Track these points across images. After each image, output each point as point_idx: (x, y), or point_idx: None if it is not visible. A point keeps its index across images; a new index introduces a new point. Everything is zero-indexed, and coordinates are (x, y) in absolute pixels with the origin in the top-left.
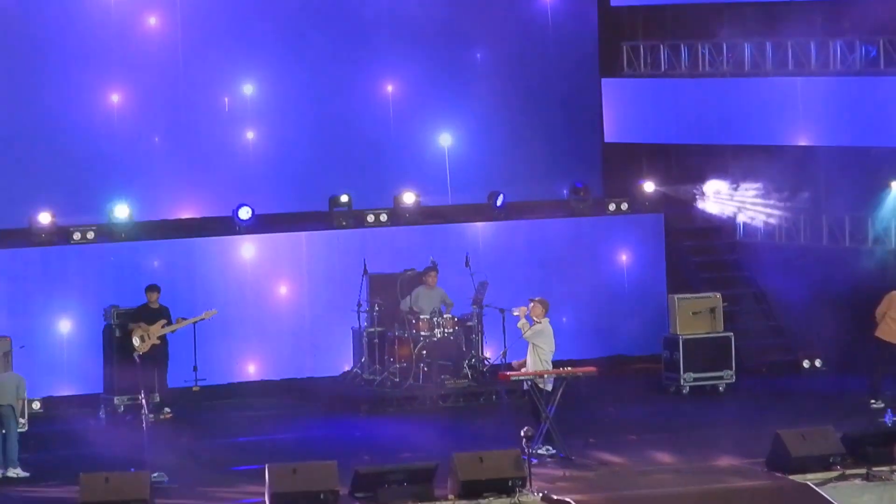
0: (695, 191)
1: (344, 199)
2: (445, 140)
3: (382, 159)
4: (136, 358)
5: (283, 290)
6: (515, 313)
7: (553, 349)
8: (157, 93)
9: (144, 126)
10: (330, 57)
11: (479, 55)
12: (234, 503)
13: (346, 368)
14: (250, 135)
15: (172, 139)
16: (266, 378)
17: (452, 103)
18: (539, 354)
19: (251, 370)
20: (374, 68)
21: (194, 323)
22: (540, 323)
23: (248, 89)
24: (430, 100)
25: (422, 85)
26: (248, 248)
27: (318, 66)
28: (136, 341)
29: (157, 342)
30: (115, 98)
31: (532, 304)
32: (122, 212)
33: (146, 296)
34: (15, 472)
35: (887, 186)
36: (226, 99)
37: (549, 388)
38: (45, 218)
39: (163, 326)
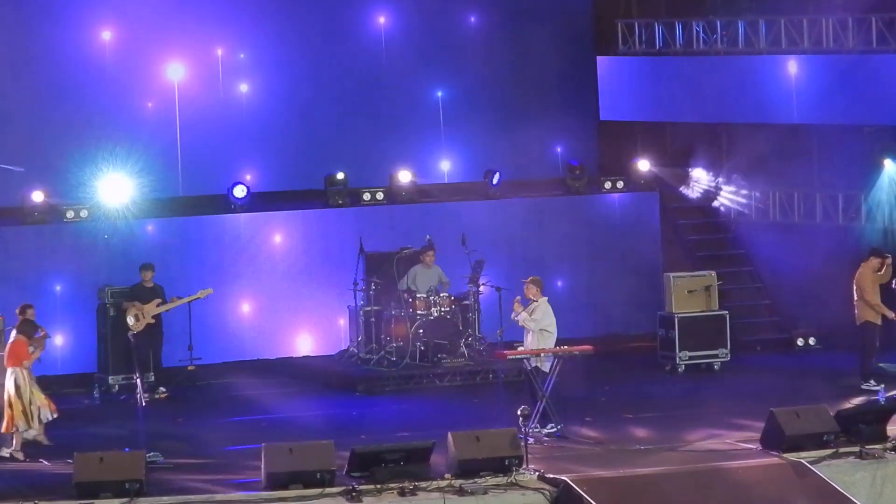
0: (689, 169)
1: (340, 176)
2: (441, 118)
3: (378, 138)
4: (131, 337)
5: (278, 268)
6: (514, 317)
7: (553, 325)
8: (150, 68)
9: (137, 101)
10: (324, 33)
11: (473, 33)
12: (229, 483)
13: (343, 348)
14: (245, 111)
15: (166, 117)
16: (262, 357)
17: (447, 82)
18: (540, 336)
19: (247, 349)
20: (369, 47)
21: (189, 302)
22: (536, 302)
23: (243, 65)
24: (425, 78)
25: (417, 64)
26: (243, 227)
27: (313, 42)
28: (130, 320)
29: (152, 321)
30: (107, 66)
31: (526, 284)
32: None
33: (140, 274)
34: (8, 451)
35: (881, 164)
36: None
37: (547, 367)
38: (38, 196)
39: (157, 305)
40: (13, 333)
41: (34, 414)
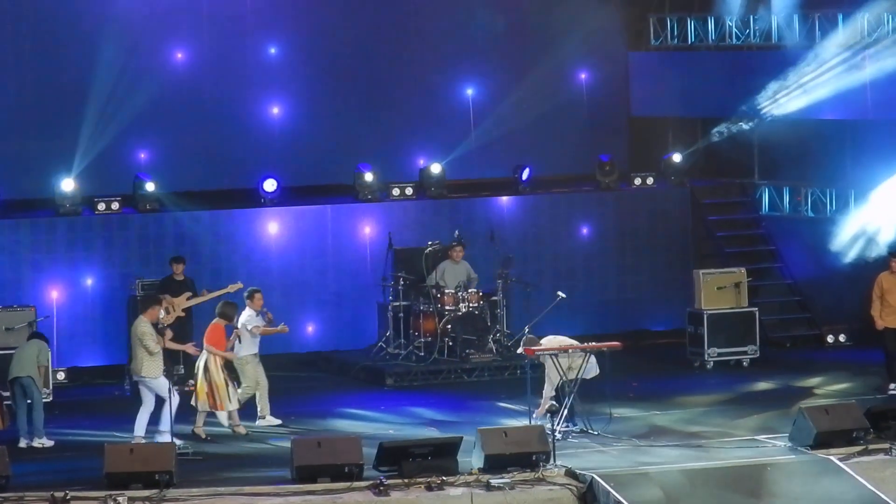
0: (720, 165)
1: (368, 178)
2: (471, 113)
3: (408, 133)
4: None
5: (308, 263)
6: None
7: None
8: (183, 63)
9: (170, 95)
10: (354, 24)
11: (505, 29)
12: (258, 475)
13: (372, 343)
14: (276, 108)
15: (198, 110)
16: (291, 351)
17: (479, 78)
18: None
19: (276, 343)
20: (399, 42)
21: (219, 296)
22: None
23: (273, 60)
24: (456, 73)
25: (448, 58)
26: (273, 221)
27: (344, 37)
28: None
29: (182, 314)
30: (139, 68)
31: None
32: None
33: (171, 267)
34: (40, 441)
35: None
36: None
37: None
38: (68, 186)
39: (188, 299)
40: (215, 319)
41: (229, 396)
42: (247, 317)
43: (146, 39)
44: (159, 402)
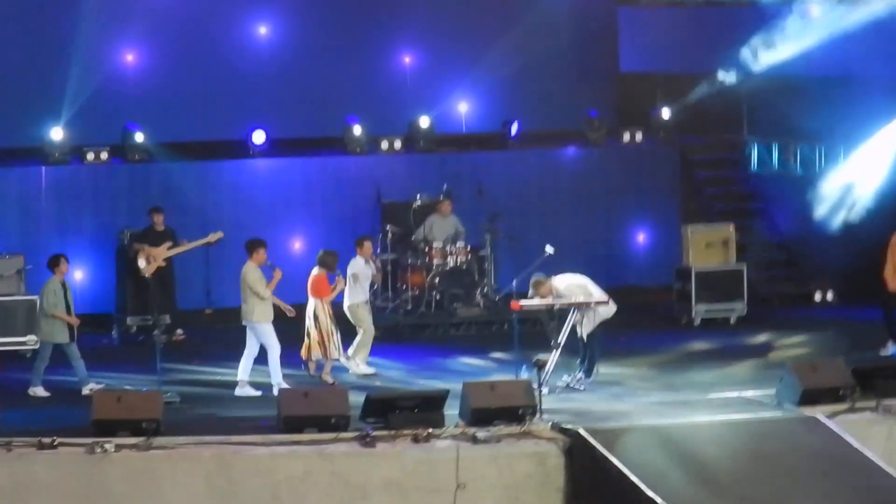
0: (709, 120)
1: (357, 132)
2: (459, 68)
3: (397, 85)
4: (147, 279)
5: (295, 215)
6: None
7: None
8: (173, 17)
9: (160, 48)
10: None
11: None
12: (245, 424)
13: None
14: (265, 55)
15: (188, 62)
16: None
17: (466, 32)
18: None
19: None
20: None
21: (199, 246)
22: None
23: (263, 8)
24: (444, 28)
25: (436, 12)
26: (261, 172)
27: None
28: (141, 263)
29: (163, 265)
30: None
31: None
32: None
33: (151, 217)
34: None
35: None
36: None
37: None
38: (57, 134)
39: (168, 248)
40: (315, 268)
41: (337, 345)
42: (358, 265)
43: None
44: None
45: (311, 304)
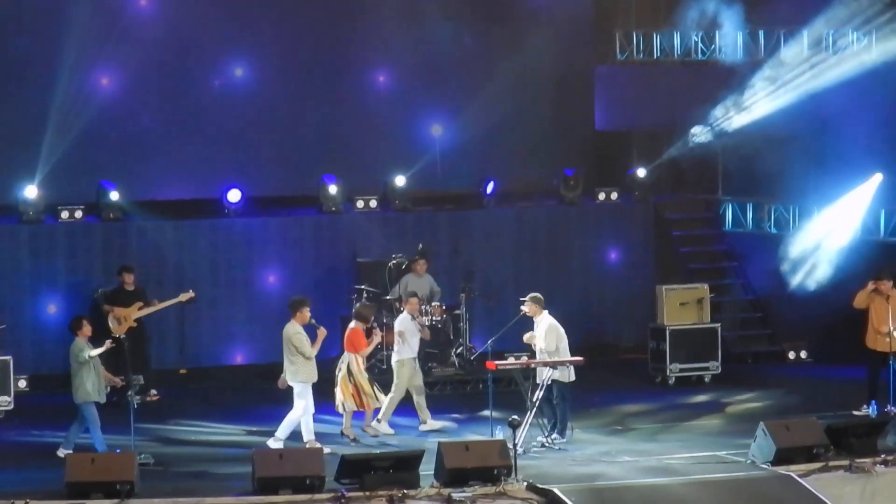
0: (685, 180)
1: (332, 190)
2: (436, 126)
3: (373, 144)
4: (113, 341)
5: (272, 274)
6: (526, 340)
7: (563, 342)
8: (148, 72)
9: (135, 105)
10: (321, 39)
11: (470, 39)
12: (220, 486)
13: (336, 354)
14: (240, 116)
15: (163, 119)
16: (254, 362)
17: (444, 89)
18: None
19: (239, 353)
20: (365, 52)
21: (170, 305)
22: (540, 319)
23: (238, 71)
24: (421, 84)
25: (414, 69)
26: (236, 232)
27: (310, 49)
28: (112, 324)
29: (134, 324)
30: (105, 79)
31: (526, 303)
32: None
33: (121, 276)
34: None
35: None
36: (216, 81)
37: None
38: (31, 193)
39: (139, 309)
40: (352, 321)
41: (374, 395)
42: (405, 322)
43: (108, 48)
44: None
45: (345, 357)
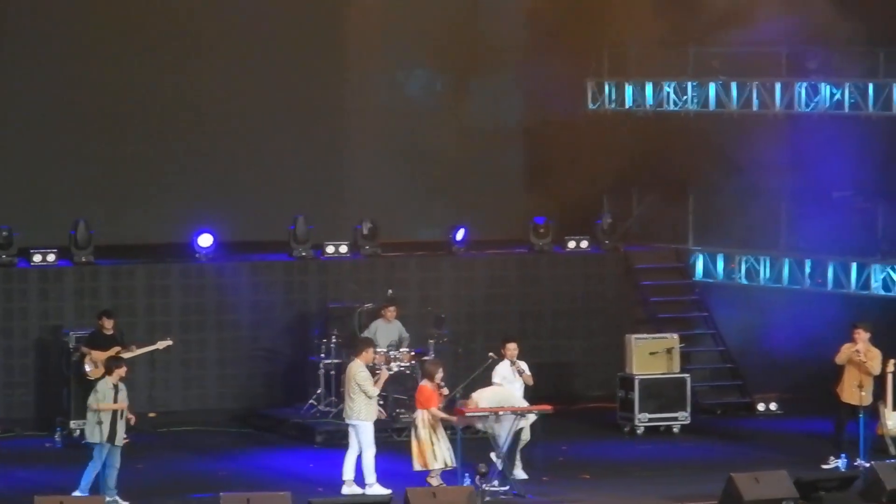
0: (654, 229)
1: (303, 234)
2: (407, 173)
3: (343, 191)
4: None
5: (242, 319)
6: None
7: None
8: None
9: (108, 145)
10: (293, 85)
11: (440, 85)
12: None
13: (305, 400)
14: (212, 162)
15: (136, 163)
16: (223, 406)
17: (416, 135)
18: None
19: (209, 398)
20: (338, 94)
21: (148, 352)
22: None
23: (207, 111)
24: (392, 131)
25: (385, 115)
26: (208, 276)
27: (282, 93)
28: (87, 367)
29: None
30: (76, 120)
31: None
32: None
33: (100, 321)
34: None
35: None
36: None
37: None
38: (3, 238)
39: (116, 354)
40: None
41: (436, 454)
42: (503, 371)
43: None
44: None
45: (418, 414)
